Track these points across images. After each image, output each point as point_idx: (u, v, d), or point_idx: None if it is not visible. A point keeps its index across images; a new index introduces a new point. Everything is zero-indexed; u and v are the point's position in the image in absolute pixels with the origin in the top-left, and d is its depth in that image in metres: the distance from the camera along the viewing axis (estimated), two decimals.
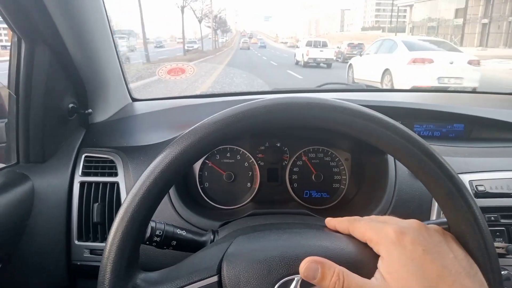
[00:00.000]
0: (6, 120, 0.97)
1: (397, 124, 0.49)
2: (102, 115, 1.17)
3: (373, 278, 0.45)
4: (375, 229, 0.49)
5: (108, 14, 1.08)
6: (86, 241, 0.96)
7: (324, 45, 17.34)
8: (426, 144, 0.49)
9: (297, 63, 17.91)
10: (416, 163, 0.48)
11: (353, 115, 0.49)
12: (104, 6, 1.04)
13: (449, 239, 0.48)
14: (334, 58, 17.05)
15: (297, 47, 19.74)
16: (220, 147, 1.07)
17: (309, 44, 17.60)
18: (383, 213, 0.90)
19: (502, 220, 0.87)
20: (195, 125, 0.50)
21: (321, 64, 16.28)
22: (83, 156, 1.01)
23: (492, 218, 0.87)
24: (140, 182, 0.49)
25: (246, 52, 29.55)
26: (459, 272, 0.43)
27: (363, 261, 0.48)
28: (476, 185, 0.90)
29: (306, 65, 16.36)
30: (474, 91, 1.72)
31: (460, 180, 0.48)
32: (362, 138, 0.50)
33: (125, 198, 0.49)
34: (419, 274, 0.43)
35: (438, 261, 0.43)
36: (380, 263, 0.46)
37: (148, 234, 0.65)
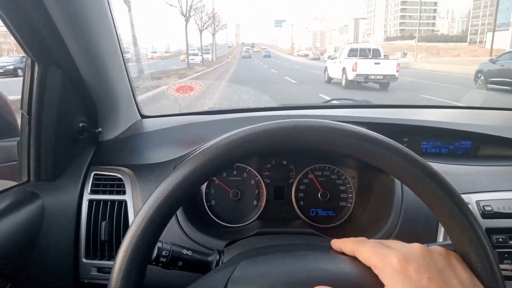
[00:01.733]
0: (18, 139, 1.00)
1: (397, 144, 0.50)
2: (111, 133, 1.19)
3: None
4: (379, 255, 0.49)
5: (118, 34, 1.10)
6: (94, 259, 0.96)
7: (377, 54, 12.40)
8: (426, 163, 0.49)
9: (329, 81, 12.74)
10: (418, 183, 0.49)
11: (352, 137, 0.50)
12: (115, 26, 1.07)
13: (453, 261, 0.48)
14: (397, 74, 11.05)
15: (330, 58, 13.59)
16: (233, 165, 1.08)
17: (353, 53, 12.22)
18: (390, 232, 0.90)
19: (510, 242, 0.86)
20: (198, 151, 0.51)
21: (370, 83, 11.05)
22: (92, 174, 1.03)
23: (500, 239, 0.86)
24: (148, 205, 0.50)
25: (250, 65, 25.45)
26: None
27: (368, 286, 0.48)
28: (483, 205, 0.89)
29: (351, 85, 11.03)
30: (481, 107, 1.70)
31: (462, 199, 0.48)
32: (364, 159, 0.50)
33: (133, 220, 0.50)
34: None
35: None
36: None
37: (154, 254, 0.65)
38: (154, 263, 0.66)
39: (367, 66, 10.96)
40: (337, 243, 0.57)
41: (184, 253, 0.69)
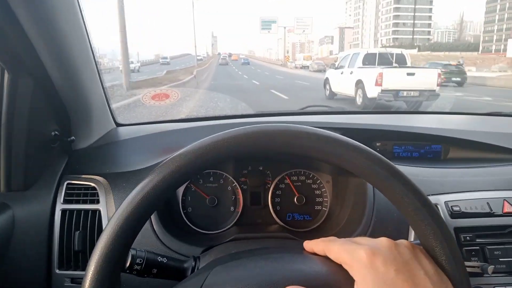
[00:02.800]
0: None
1: (361, 145, 0.52)
2: (85, 141, 1.17)
3: None
4: (348, 251, 0.50)
5: (91, 41, 1.09)
6: (67, 269, 0.94)
7: (402, 61, 9.24)
8: (389, 163, 0.51)
9: (331, 97, 9.97)
10: (382, 182, 0.51)
11: (318, 140, 0.51)
12: (88, 33, 1.06)
13: (419, 254, 0.50)
14: (437, 89, 7.91)
15: (334, 67, 10.67)
16: (203, 172, 1.08)
17: (369, 60, 9.11)
18: (363, 234, 0.92)
19: (477, 240, 0.90)
20: (173, 155, 0.52)
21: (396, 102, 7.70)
22: (65, 183, 1.01)
23: (468, 238, 0.89)
24: (118, 212, 0.50)
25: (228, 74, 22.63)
26: None
27: (340, 283, 0.50)
28: (451, 206, 0.92)
29: (369, 104, 7.83)
30: (451, 112, 1.77)
31: (424, 195, 0.50)
32: (330, 162, 0.52)
33: (105, 227, 0.50)
34: None
35: (410, 280, 0.45)
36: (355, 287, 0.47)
37: (128, 262, 0.65)
38: (128, 271, 0.65)
39: (397, 78, 7.74)
40: (309, 244, 0.58)
41: (159, 260, 0.69)
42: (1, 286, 0.86)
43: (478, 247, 0.89)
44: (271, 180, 1.11)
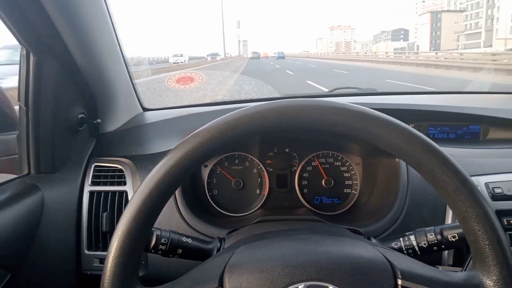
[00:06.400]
0: (17, 132, 0.99)
1: (399, 122, 0.48)
2: (112, 124, 1.18)
3: None
4: None
5: (114, 25, 1.09)
6: (96, 250, 0.96)
7: None
8: (429, 141, 0.47)
9: None
10: (420, 161, 0.47)
11: (352, 116, 0.48)
12: (111, 18, 1.05)
13: None
14: None
15: None
16: (228, 154, 1.07)
17: None
18: (396, 217, 0.88)
19: None
20: (190, 134, 0.50)
21: None
22: (93, 165, 1.02)
23: (511, 221, 0.83)
24: (139, 191, 0.49)
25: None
26: None
27: (370, 267, 0.47)
28: (492, 187, 0.86)
29: None
30: (489, 91, 1.66)
31: (466, 175, 0.46)
32: (365, 139, 0.48)
33: (126, 207, 0.49)
34: None
35: None
36: None
37: (153, 242, 0.64)
38: (153, 251, 0.65)
39: None
40: None
41: (184, 240, 0.68)
42: (32, 264, 0.88)
43: None
44: (298, 163, 1.08)
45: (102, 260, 0.95)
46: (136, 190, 0.50)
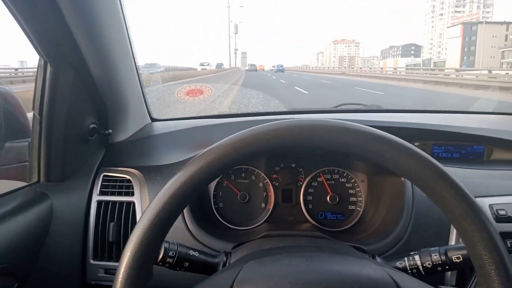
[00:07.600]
0: (29, 139, 1.01)
1: (408, 144, 0.49)
2: (121, 135, 1.20)
3: None
4: None
5: (130, 36, 1.11)
6: (101, 260, 0.96)
7: None
8: (438, 164, 0.48)
9: None
10: (429, 184, 0.47)
11: (363, 138, 0.49)
12: (127, 29, 1.08)
13: None
14: None
15: None
16: (235, 168, 1.08)
17: None
18: (400, 236, 0.88)
19: None
20: (206, 149, 0.51)
21: None
22: (102, 175, 1.03)
23: None
24: (153, 204, 0.50)
25: None
26: None
27: (378, 286, 0.47)
28: (496, 209, 0.87)
29: None
30: (493, 112, 1.67)
31: (474, 200, 0.47)
32: (374, 160, 0.49)
33: (139, 219, 0.50)
34: None
35: None
36: None
37: (161, 255, 0.65)
38: (160, 263, 0.65)
39: None
40: None
41: (191, 254, 0.68)
42: (39, 273, 0.89)
43: None
44: (304, 178, 1.09)
45: (108, 271, 0.96)
46: (150, 203, 0.51)
